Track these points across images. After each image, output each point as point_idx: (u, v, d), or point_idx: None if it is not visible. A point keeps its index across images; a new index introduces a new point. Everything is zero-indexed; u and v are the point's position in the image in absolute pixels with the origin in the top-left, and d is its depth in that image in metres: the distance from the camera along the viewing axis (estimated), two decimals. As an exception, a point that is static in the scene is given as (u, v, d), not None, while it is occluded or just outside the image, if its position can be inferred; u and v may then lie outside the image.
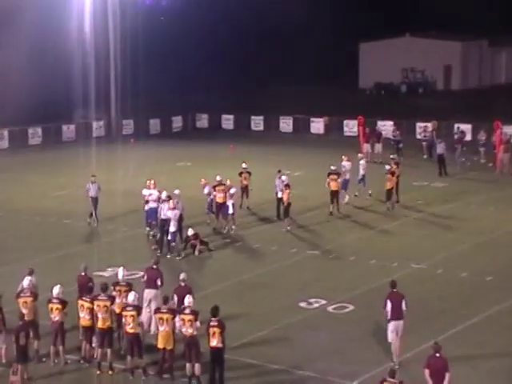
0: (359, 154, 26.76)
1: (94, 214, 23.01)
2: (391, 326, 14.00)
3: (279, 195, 23.14)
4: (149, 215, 21.56)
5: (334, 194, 23.71)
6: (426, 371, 11.87)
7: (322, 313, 16.53)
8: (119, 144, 38.35)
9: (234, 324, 14.99)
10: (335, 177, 23.80)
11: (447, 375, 11.79)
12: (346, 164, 25.36)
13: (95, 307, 14.09)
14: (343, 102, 47.63)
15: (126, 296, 14.42)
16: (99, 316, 14.03)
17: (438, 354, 11.95)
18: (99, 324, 14.07)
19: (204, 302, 14.74)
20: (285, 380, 13.83)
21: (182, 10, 56.71)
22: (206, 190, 22.70)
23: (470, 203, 25.64)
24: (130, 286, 14.90)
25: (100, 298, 14.12)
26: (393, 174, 24.35)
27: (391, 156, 27.25)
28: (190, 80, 52.07)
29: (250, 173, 24.63)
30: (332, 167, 24.30)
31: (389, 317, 13.99)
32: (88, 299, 14.22)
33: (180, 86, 50.99)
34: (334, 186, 23.69)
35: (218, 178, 22.76)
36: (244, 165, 24.81)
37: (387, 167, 24.69)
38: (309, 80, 55.72)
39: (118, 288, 14.87)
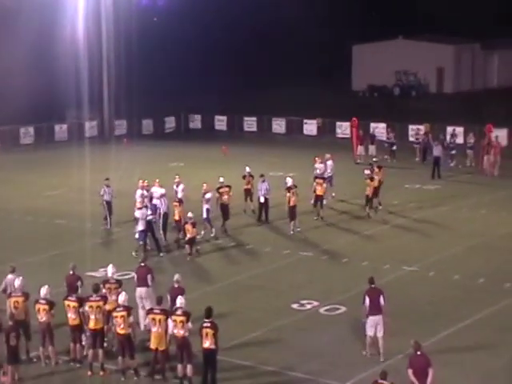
0: (327, 155, 26.42)
1: (108, 218, 22.72)
2: (370, 321, 14.26)
3: (262, 200, 22.99)
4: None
5: (319, 198, 23.52)
6: (410, 371, 11.93)
7: (314, 314, 16.53)
8: (112, 144, 38.30)
9: (227, 325, 14.96)
10: (321, 181, 23.67)
11: (430, 371, 11.87)
12: (318, 166, 25.44)
13: (87, 308, 14.04)
14: (336, 104, 47.69)
15: (116, 293, 14.47)
16: (91, 317, 13.98)
17: (418, 352, 12.00)
18: (91, 325, 14.02)
19: (197, 303, 14.73)
20: (277, 382, 13.81)
21: (175, 11, 56.71)
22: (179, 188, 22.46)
23: (461, 206, 25.71)
24: (119, 284, 14.95)
25: (92, 298, 14.07)
26: (371, 179, 24.02)
27: (373, 159, 26.88)
28: (184, 81, 52.06)
29: (253, 176, 24.37)
30: (318, 171, 24.14)
31: (367, 312, 14.27)
32: (73, 298, 14.17)
33: (173, 87, 50.97)
34: (319, 190, 23.48)
35: (221, 180, 22.68)
36: (247, 168, 24.54)
37: (366, 172, 24.40)
38: (302, 81, 55.80)
39: (107, 286, 14.91)
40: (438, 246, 21.40)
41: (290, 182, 22.69)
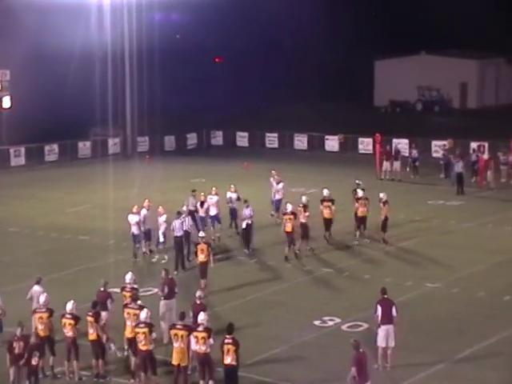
0: (273, 171, 25.96)
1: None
2: (382, 330, 14.39)
3: (244, 225, 21.96)
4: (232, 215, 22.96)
5: (328, 222, 22.52)
6: (354, 368, 12.33)
7: (336, 331, 16.41)
8: (134, 161, 38.62)
9: (249, 341, 14.91)
10: (329, 204, 22.57)
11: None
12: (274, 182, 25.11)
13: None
14: (358, 120, 47.62)
15: (132, 298, 14.83)
16: (90, 331, 14.08)
17: (360, 350, 12.53)
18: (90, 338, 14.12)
19: (218, 319, 14.70)
20: (299, 399, 13.71)
21: (196, 27, 57.32)
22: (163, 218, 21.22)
23: (486, 222, 25.41)
24: (134, 291, 15.21)
25: (90, 313, 14.22)
26: (385, 203, 22.38)
27: (356, 181, 24.26)
28: (205, 97, 52.41)
29: (332, 201, 22.68)
30: (325, 192, 22.95)
31: (379, 321, 14.43)
32: (91, 314, 14.30)
33: (194, 103, 51.33)
34: (327, 213, 22.43)
35: (304, 199, 22.10)
36: (325, 191, 22.92)
37: (381, 195, 22.34)
38: (323, 97, 55.83)
39: (123, 293, 15.30)
40: (461, 262, 21.14)
41: (360, 193, 22.69)
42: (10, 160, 37.55)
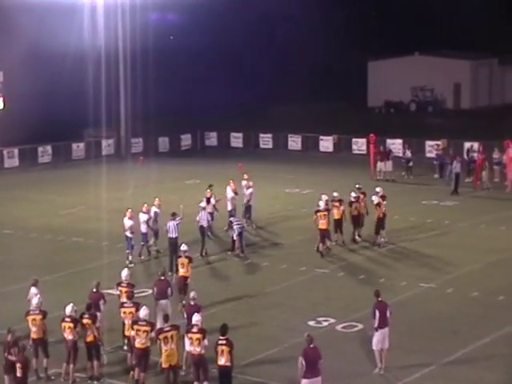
0: (245, 175, 25.59)
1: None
2: (379, 334, 14.36)
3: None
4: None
5: (338, 223, 22.58)
6: (301, 359, 12.66)
7: (331, 332, 16.41)
8: (128, 162, 38.55)
9: (243, 342, 14.90)
10: (337, 204, 22.58)
11: (320, 362, 12.84)
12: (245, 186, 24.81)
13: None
14: (352, 121, 47.70)
15: (127, 296, 14.94)
16: (87, 332, 14.14)
17: (312, 345, 12.84)
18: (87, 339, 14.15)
19: (213, 320, 14.66)
20: (294, 400, 13.69)
21: (190, 28, 57.30)
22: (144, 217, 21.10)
23: (480, 222, 25.47)
24: (130, 287, 15.34)
25: (85, 316, 14.20)
26: (379, 204, 22.29)
27: (357, 185, 23.58)
28: (199, 98, 52.39)
29: (340, 201, 22.52)
30: (335, 194, 22.85)
31: (376, 325, 14.39)
32: (87, 316, 14.27)
33: (188, 104, 51.31)
34: (336, 214, 22.40)
35: (335, 194, 22.35)
36: (335, 194, 22.57)
37: (373, 197, 22.45)
38: (317, 98, 55.90)
39: (119, 288, 15.43)
40: (456, 262, 21.18)
41: (380, 191, 22.66)
42: (3, 161, 37.45)
